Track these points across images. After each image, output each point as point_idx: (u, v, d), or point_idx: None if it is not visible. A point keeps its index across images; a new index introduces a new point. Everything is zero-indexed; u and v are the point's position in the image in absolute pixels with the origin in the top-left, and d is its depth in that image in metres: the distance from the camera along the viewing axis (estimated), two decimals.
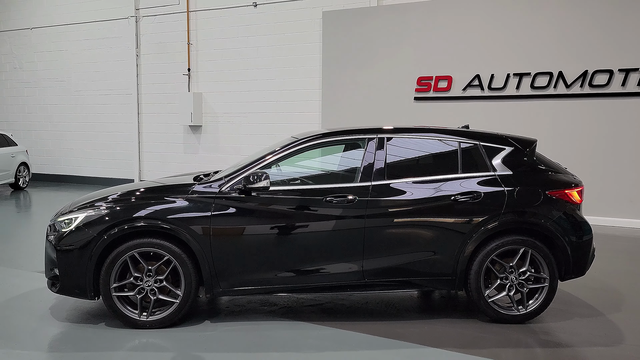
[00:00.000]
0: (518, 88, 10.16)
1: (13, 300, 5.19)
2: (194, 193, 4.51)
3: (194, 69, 13.51)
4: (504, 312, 4.65)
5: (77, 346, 4.14)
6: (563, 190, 4.70)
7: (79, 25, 15.02)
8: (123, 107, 14.53)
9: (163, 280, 4.41)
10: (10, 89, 16.50)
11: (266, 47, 12.64)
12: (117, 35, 14.45)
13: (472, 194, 4.59)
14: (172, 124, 13.87)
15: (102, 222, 4.36)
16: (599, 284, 5.94)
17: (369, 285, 4.62)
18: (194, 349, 4.08)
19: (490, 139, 4.88)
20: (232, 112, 13.14)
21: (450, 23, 10.66)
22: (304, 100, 12.25)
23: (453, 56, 10.64)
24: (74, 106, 15.36)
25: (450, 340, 4.32)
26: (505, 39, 10.21)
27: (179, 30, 13.59)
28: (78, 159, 15.44)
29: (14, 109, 16.45)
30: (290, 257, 4.51)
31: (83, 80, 15.12)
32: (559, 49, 9.80)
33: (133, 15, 14.13)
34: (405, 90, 11.06)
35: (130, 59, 14.27)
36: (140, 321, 4.41)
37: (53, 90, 15.66)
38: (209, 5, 13.19)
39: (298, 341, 4.25)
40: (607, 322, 4.78)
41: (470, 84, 10.53)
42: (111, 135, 14.81)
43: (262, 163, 4.65)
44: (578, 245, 4.68)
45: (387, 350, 4.11)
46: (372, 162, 4.66)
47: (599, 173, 9.69)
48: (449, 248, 4.57)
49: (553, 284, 4.63)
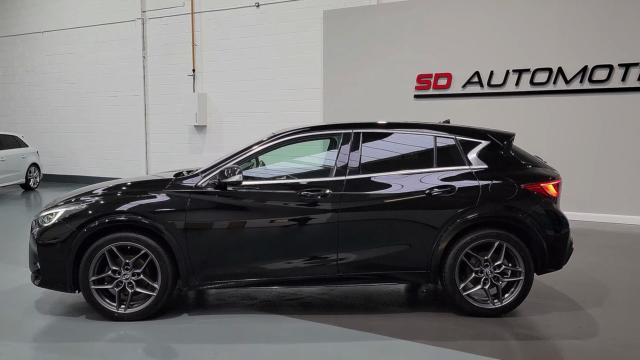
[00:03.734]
0: (517, 84, 10.11)
1: (4, 293, 5.33)
2: (171, 188, 4.60)
3: (198, 69, 13.67)
4: (479, 305, 4.66)
5: (56, 337, 4.26)
6: (538, 183, 4.70)
7: (87, 28, 15.30)
8: (130, 108, 14.76)
9: (140, 273, 4.51)
10: (23, 92, 16.86)
11: (268, 47, 12.74)
12: (124, 38, 14.69)
13: (446, 188, 4.61)
14: (178, 124, 14.05)
15: (80, 216, 4.48)
16: (587, 279, 5.90)
17: (344, 278, 4.66)
18: (167, 341, 4.17)
19: (467, 133, 4.89)
20: (235, 111, 13.26)
21: (449, 20, 10.65)
22: (306, 99, 12.33)
23: (452, 53, 10.63)
24: (83, 108, 15.65)
25: (423, 332, 4.35)
26: (504, 36, 10.17)
27: (183, 32, 13.77)
28: (87, 160, 15.71)
29: (26, 111, 16.81)
30: (265, 251, 4.58)
31: (92, 82, 15.39)
32: (558, 45, 9.74)
33: (139, 17, 14.36)
34: (405, 88, 11.07)
35: (137, 61, 14.49)
36: (118, 313, 4.51)
37: (63, 92, 15.96)
38: (213, 6, 13.35)
39: (271, 333, 4.31)
40: (585, 316, 4.76)
41: (469, 81, 10.51)
42: (119, 135, 15.05)
43: (238, 158, 4.72)
44: (554, 239, 4.67)
45: (358, 342, 4.15)
46: (346, 156, 4.71)
47: (599, 169, 9.61)
48: (423, 242, 4.60)
49: (529, 277, 4.63)
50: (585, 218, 9.57)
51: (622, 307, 5.03)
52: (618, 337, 4.30)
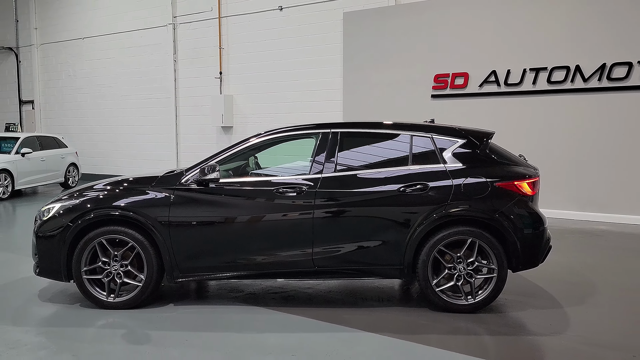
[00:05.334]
0: (534, 83, 9.99)
1: (14, 282, 5.76)
2: (157, 185, 4.90)
3: (225, 72, 14.09)
4: (452, 301, 4.74)
5: (47, 322, 4.63)
6: (512, 181, 4.73)
7: (123, 33, 16.00)
8: (163, 110, 15.35)
9: (128, 265, 4.81)
10: (66, 95, 17.76)
11: (291, 49, 13.02)
12: (156, 43, 15.28)
13: (419, 186, 4.71)
14: (206, 125, 14.50)
15: (73, 211, 4.82)
16: (579, 279, 5.86)
17: (319, 272, 4.84)
18: (146, 328, 4.45)
19: (443, 132, 4.98)
20: (260, 113, 13.59)
21: (466, 19, 10.63)
22: (326, 100, 12.53)
23: (469, 52, 10.60)
24: (119, 110, 16.37)
25: (392, 326, 4.47)
26: (521, 34, 10.07)
27: (211, 36, 14.21)
28: (123, 160, 16.40)
29: (68, 114, 17.70)
30: (243, 245, 4.79)
31: (127, 86, 16.08)
32: (575, 42, 9.57)
33: (171, 22, 14.90)
34: (422, 88, 11.10)
35: (168, 65, 15.05)
36: (107, 302, 4.83)
37: (101, 96, 16.73)
38: (239, 10, 13.73)
39: (244, 323, 4.53)
40: (560, 314, 4.77)
41: (486, 80, 10.45)
42: (153, 136, 15.66)
43: (220, 156, 4.98)
44: (528, 237, 4.70)
45: (323, 333, 4.32)
46: (323, 155, 4.89)
47: (619, 169, 9.39)
48: (396, 238, 4.71)
49: (502, 274, 4.68)
50: (606, 219, 9.37)
51: (603, 307, 4.99)
52: (588, 335, 4.30)
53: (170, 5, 14.84)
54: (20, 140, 13.27)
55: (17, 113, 19.34)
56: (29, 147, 13.26)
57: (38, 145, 13.79)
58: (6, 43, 19.23)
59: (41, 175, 13.60)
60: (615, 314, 4.82)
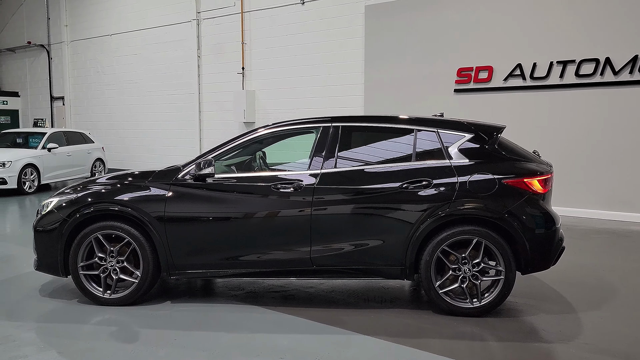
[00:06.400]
0: (562, 77, 9.57)
1: (18, 277, 5.77)
2: (153, 180, 4.80)
3: (247, 67, 14.01)
4: (456, 304, 4.51)
5: (41, 318, 4.59)
6: (521, 178, 4.46)
7: (149, 30, 16.12)
8: (186, 105, 15.40)
9: (124, 260, 4.73)
10: (94, 91, 18.02)
11: (312, 44, 12.85)
12: (181, 38, 15.32)
13: (422, 183, 4.49)
14: (229, 121, 14.47)
15: (70, 206, 4.77)
16: (598, 282, 5.54)
17: (318, 271, 4.66)
18: (138, 325, 4.36)
19: (450, 127, 4.74)
20: (281, 108, 13.48)
21: (490, 11, 10.26)
22: (348, 95, 12.32)
23: (493, 45, 10.24)
24: (146, 106, 16.50)
25: (391, 329, 4.27)
26: (547, 25, 9.66)
27: (234, 31, 14.16)
28: (148, 154, 16.54)
29: (96, 109, 17.96)
30: (239, 242, 4.65)
31: (153, 82, 16.19)
32: (604, 33, 9.11)
33: (195, 18, 14.91)
34: (445, 82, 10.79)
35: (192, 60, 15.08)
36: (103, 298, 4.77)
37: (128, 92, 16.91)
38: (261, 5, 13.62)
39: (237, 323, 4.40)
40: (572, 320, 4.48)
41: (511, 73, 10.07)
42: (177, 132, 15.74)
43: (217, 152, 4.85)
44: (538, 237, 4.43)
45: (316, 335, 4.15)
46: (323, 150, 4.70)
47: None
48: (397, 237, 4.50)
49: (509, 276, 4.42)
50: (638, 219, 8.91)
51: (620, 313, 4.68)
52: (599, 343, 4.02)
53: (195, 1, 14.85)
54: (47, 136, 13.49)
55: (49, 109, 19.73)
56: (56, 143, 13.47)
57: (65, 141, 14.00)
58: (39, 40, 19.64)
59: (67, 169, 13.81)
60: (632, 321, 4.50)
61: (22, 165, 12.44)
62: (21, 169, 12.37)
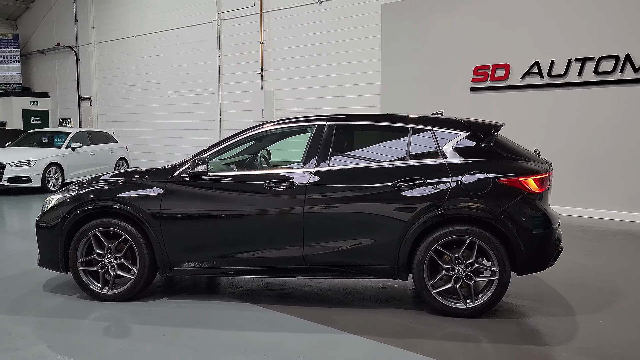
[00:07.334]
0: (580, 74, 9.33)
1: (24, 272, 5.90)
2: (150, 178, 4.86)
3: (266, 67, 14.09)
4: (449, 304, 4.44)
5: (40, 312, 4.70)
6: (516, 178, 4.37)
7: (171, 31, 16.34)
8: (207, 105, 15.56)
9: (121, 257, 4.81)
10: (120, 92, 18.37)
11: (330, 43, 12.84)
12: (202, 39, 15.49)
13: (415, 182, 4.43)
14: (248, 120, 14.46)
15: (70, 203, 4.87)
16: (604, 284, 5.40)
17: (310, 270, 4.65)
18: (131, 321, 4.43)
19: (445, 125, 4.67)
20: (299, 107, 13.49)
21: (507, 8, 10.08)
22: (365, 95, 12.28)
23: (510, 43, 10.05)
24: (168, 106, 16.74)
25: (381, 329, 4.22)
26: (566, 22, 9.43)
27: (253, 31, 14.24)
28: (170, 154, 16.70)
29: (121, 110, 18.31)
30: (233, 240, 4.67)
31: (175, 82, 16.41)
32: (624, 30, 8.86)
33: (215, 19, 15.05)
34: (461, 81, 10.65)
35: (213, 61, 15.23)
36: (102, 294, 4.85)
37: (152, 92, 17.18)
38: (280, 5, 13.67)
39: (229, 320, 4.42)
40: (569, 322, 4.37)
41: (529, 71, 9.87)
42: (198, 131, 15.91)
43: (212, 150, 4.88)
44: (533, 237, 4.33)
45: (304, 334, 4.15)
46: (316, 148, 4.69)
47: None
48: (390, 236, 4.46)
49: (503, 277, 4.33)
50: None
51: (621, 316, 4.54)
52: (593, 346, 3.92)
53: (215, 2, 14.99)
54: (71, 135, 13.82)
55: (77, 109, 20.20)
56: (80, 142, 13.78)
57: (88, 140, 14.32)
58: (67, 42, 20.11)
59: (90, 168, 14.07)
60: (630, 325, 4.35)
61: (47, 164, 12.76)
62: (45, 168, 12.69)
